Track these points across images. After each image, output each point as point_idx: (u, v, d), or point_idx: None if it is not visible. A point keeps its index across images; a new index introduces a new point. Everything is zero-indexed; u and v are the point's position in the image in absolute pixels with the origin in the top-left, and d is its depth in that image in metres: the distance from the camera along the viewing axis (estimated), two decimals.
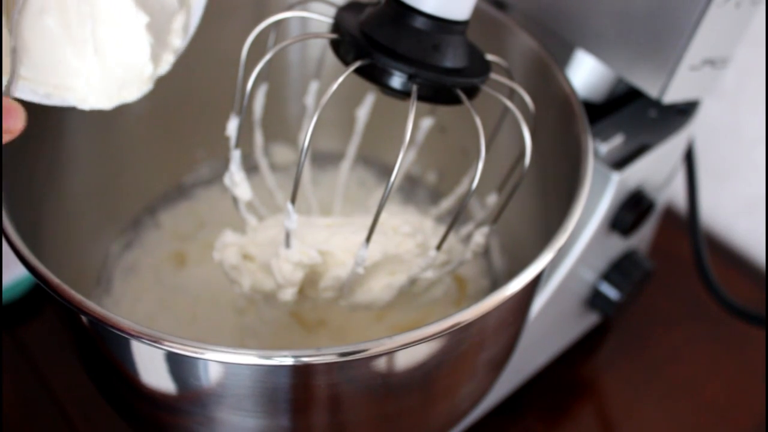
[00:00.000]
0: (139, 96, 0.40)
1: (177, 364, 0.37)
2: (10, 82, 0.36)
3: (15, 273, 0.63)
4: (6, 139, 0.33)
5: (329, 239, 0.46)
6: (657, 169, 0.56)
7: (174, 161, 0.64)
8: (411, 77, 0.40)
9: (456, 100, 0.41)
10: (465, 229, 0.53)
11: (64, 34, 0.37)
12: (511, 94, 0.46)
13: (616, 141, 0.54)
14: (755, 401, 0.64)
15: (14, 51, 0.36)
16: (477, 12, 0.42)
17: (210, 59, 0.58)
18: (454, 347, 0.40)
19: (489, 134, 0.53)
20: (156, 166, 0.63)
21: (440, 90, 0.41)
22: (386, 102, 0.47)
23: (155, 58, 0.39)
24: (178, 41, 0.41)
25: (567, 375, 0.64)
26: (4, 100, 0.34)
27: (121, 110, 0.40)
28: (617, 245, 0.59)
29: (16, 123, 0.34)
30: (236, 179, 0.46)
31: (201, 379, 0.37)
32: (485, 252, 0.63)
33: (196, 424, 0.41)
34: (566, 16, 0.53)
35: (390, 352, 0.36)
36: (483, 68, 0.43)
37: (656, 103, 0.57)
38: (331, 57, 0.44)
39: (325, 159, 0.67)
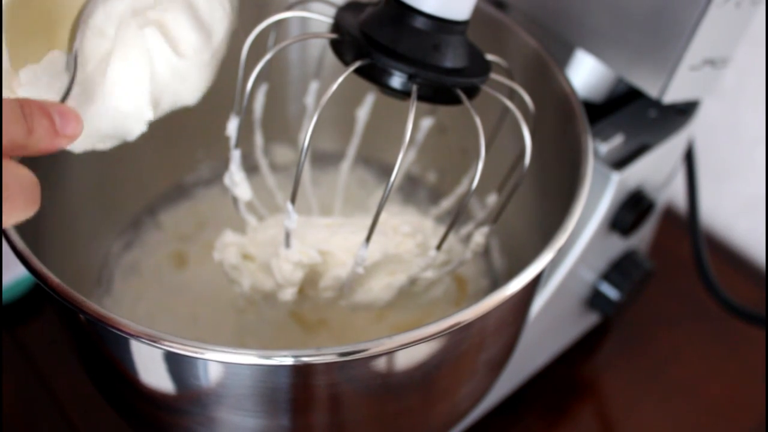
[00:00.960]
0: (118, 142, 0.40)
1: (177, 364, 0.37)
2: (68, 90, 0.36)
3: (15, 273, 0.63)
4: (65, 143, 0.33)
5: (329, 239, 0.46)
6: (657, 169, 0.56)
7: (174, 161, 0.64)
8: (411, 77, 0.40)
9: (456, 100, 0.41)
10: (465, 229, 0.53)
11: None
12: (511, 94, 0.46)
13: (616, 141, 0.54)
14: (755, 401, 0.64)
15: (75, 56, 0.36)
16: (477, 12, 0.42)
17: None
18: (454, 347, 0.40)
19: (489, 134, 0.53)
20: (156, 166, 0.63)
21: (440, 90, 0.41)
22: (386, 102, 0.47)
23: (155, 105, 0.40)
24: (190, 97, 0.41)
25: (567, 375, 0.64)
26: (62, 105, 0.33)
27: None
28: (617, 245, 0.59)
29: (76, 128, 0.33)
30: (236, 179, 0.46)
31: (201, 379, 0.37)
32: (485, 252, 0.63)
33: (196, 424, 0.41)
34: (566, 16, 0.53)
35: (390, 352, 0.36)
36: (483, 68, 0.43)
37: (656, 103, 0.57)
38: (331, 57, 0.44)
39: (325, 159, 0.67)
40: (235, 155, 0.45)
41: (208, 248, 0.56)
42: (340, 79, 0.38)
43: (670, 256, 0.72)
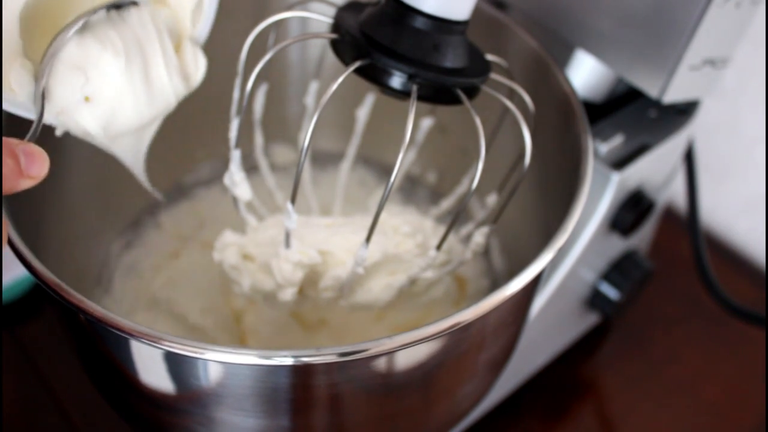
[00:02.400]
0: None
1: (177, 364, 0.37)
2: (36, 128, 0.36)
3: (15, 273, 0.63)
4: (29, 184, 0.33)
5: (329, 239, 0.46)
6: (657, 169, 0.56)
7: (174, 161, 0.64)
8: (411, 77, 0.40)
9: (456, 100, 0.41)
10: (465, 229, 0.53)
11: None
12: (511, 94, 0.46)
13: (616, 141, 0.54)
14: (755, 401, 0.64)
15: (43, 94, 0.37)
16: (477, 12, 0.42)
17: (210, 59, 0.58)
18: (454, 347, 0.40)
19: (489, 134, 0.53)
20: (156, 166, 0.63)
21: (440, 90, 0.41)
22: (386, 102, 0.47)
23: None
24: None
25: (567, 375, 0.64)
26: (29, 145, 0.34)
27: None
28: (617, 245, 0.59)
29: (41, 169, 0.34)
30: (236, 179, 0.46)
31: (201, 379, 0.37)
32: (485, 252, 0.62)
33: (196, 424, 0.41)
34: (566, 16, 0.53)
35: (390, 352, 0.36)
36: (483, 68, 0.43)
37: (656, 103, 0.57)
38: (331, 57, 0.44)
39: (325, 159, 0.67)
40: (235, 155, 0.45)
41: (208, 248, 0.56)
42: (340, 79, 0.38)
43: (670, 256, 0.72)
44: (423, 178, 0.68)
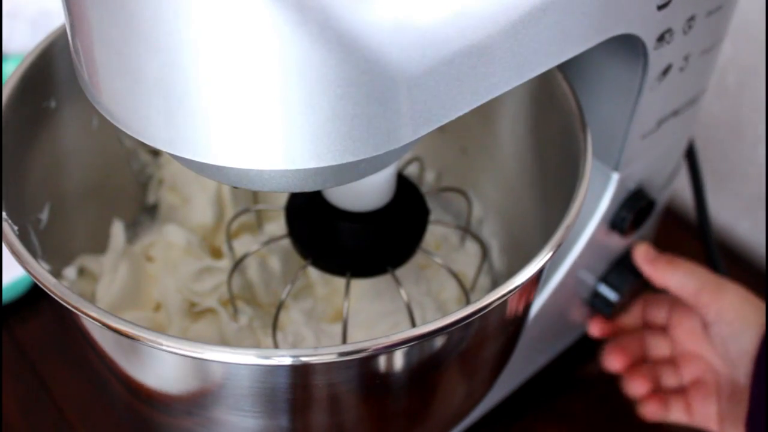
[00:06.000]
0: None
1: (176, 364, 0.37)
2: None
3: (15, 273, 0.63)
4: None
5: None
6: (657, 169, 0.56)
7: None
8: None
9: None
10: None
11: None
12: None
13: None
14: None
15: None
16: None
17: None
18: (453, 347, 0.40)
19: (489, 133, 0.53)
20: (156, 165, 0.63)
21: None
22: None
23: None
24: None
25: (567, 375, 0.64)
26: None
27: None
28: (617, 245, 0.59)
29: None
30: None
31: (199, 379, 0.37)
32: (485, 251, 0.62)
33: (195, 424, 0.41)
34: None
35: (389, 351, 0.36)
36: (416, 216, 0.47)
37: None
38: None
39: None
40: None
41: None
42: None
43: None
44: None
